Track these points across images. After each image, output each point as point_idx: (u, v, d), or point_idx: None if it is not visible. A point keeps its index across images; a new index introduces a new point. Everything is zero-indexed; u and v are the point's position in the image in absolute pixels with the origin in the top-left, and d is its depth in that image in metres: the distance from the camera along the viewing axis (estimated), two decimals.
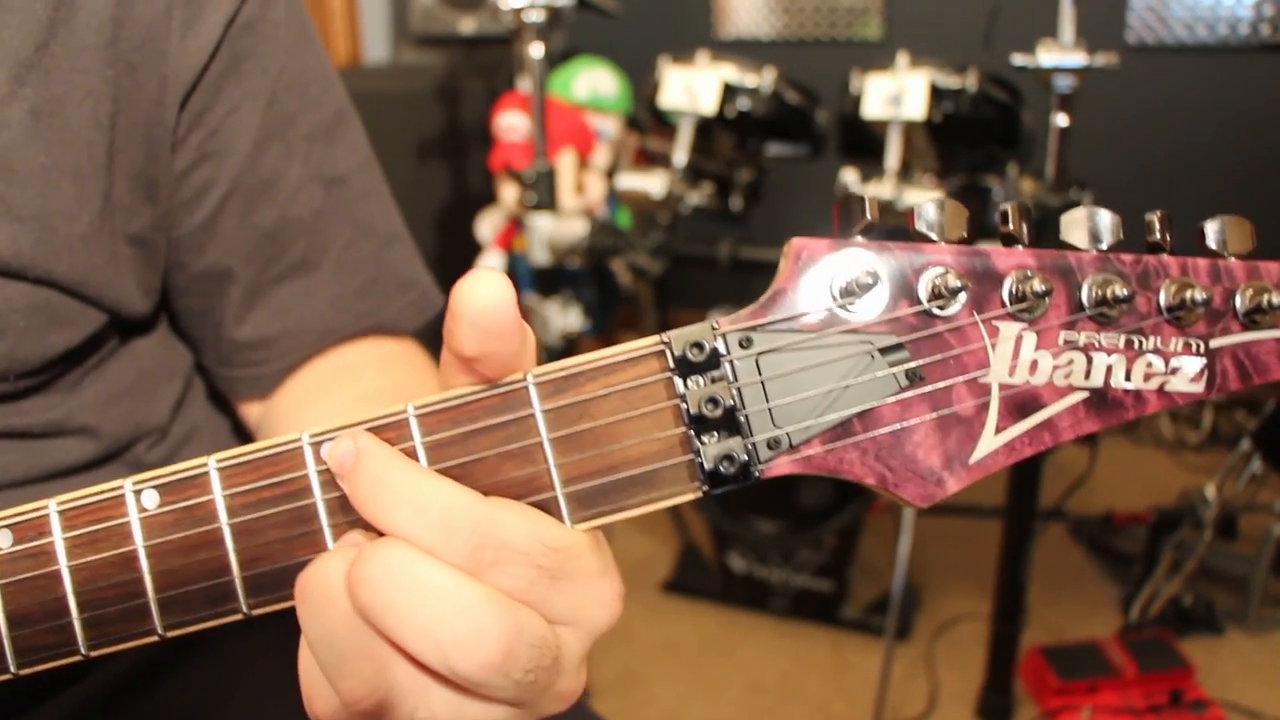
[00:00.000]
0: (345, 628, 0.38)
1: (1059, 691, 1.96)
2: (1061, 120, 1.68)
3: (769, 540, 2.32)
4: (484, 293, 0.38)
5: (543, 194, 2.09)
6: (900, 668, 2.13)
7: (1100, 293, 0.40)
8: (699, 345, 0.40)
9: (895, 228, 0.39)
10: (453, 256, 3.14)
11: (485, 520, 0.38)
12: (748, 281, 2.76)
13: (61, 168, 0.58)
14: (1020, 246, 0.41)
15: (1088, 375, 0.41)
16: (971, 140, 2.10)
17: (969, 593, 2.36)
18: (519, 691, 0.38)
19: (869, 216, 0.39)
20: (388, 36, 3.89)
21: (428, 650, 0.37)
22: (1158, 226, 0.41)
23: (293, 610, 0.41)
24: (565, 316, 2.27)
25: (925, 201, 0.39)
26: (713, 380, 0.40)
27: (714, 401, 0.40)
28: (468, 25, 3.40)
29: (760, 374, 0.40)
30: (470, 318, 0.39)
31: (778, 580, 2.33)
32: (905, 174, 2.00)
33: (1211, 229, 0.41)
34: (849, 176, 1.97)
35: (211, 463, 0.42)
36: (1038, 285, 0.39)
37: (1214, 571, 2.34)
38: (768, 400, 0.40)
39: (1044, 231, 1.78)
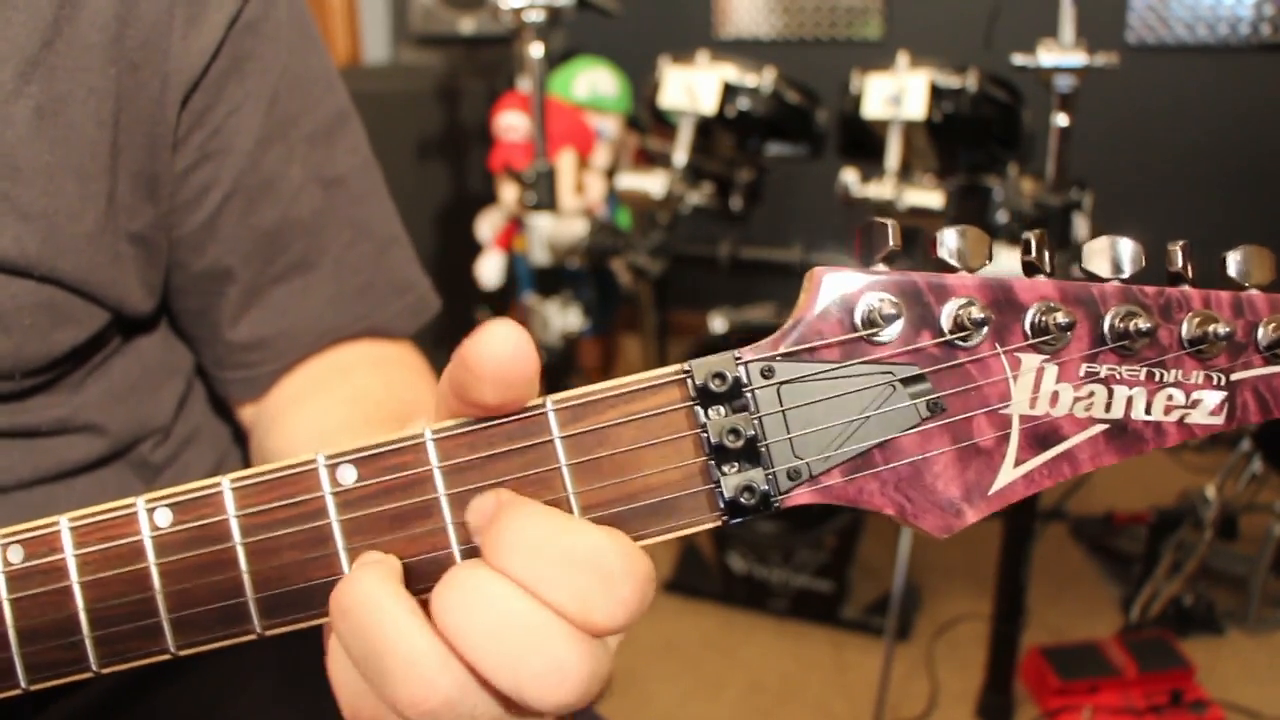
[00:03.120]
0: (394, 640, 0.38)
1: (1059, 692, 1.96)
2: (1062, 120, 1.68)
3: (769, 540, 2.32)
4: (502, 347, 0.38)
5: (543, 194, 2.09)
6: (900, 668, 2.13)
7: (1123, 326, 0.40)
8: (721, 375, 0.40)
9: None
10: (453, 256, 3.14)
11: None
12: (748, 281, 2.77)
13: (66, 166, 0.58)
14: (1043, 276, 0.41)
15: (1108, 407, 0.41)
16: (972, 140, 2.10)
17: (969, 593, 2.37)
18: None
19: (891, 244, 0.39)
20: (388, 36, 3.88)
21: (505, 680, 0.37)
22: (1179, 257, 0.41)
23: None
24: (565, 316, 2.27)
25: (947, 230, 0.39)
26: (734, 410, 0.40)
27: (735, 432, 0.40)
28: (468, 25, 3.40)
29: (781, 404, 0.40)
30: (493, 376, 0.38)
31: (778, 580, 2.34)
32: (905, 174, 2.00)
33: (1233, 260, 0.41)
34: (849, 176, 1.97)
35: (225, 482, 0.42)
36: (1060, 318, 0.39)
37: (1214, 572, 2.34)
38: (788, 430, 0.40)
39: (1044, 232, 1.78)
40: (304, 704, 0.72)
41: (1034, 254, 0.40)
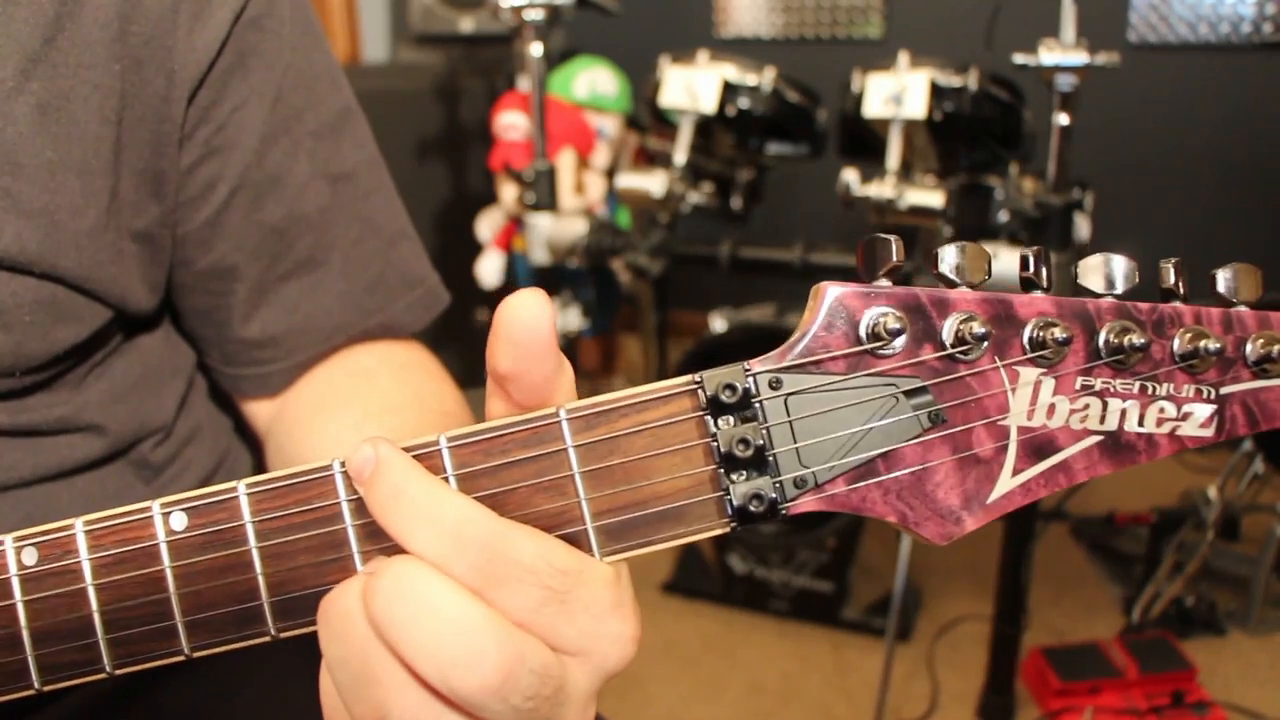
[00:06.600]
0: (361, 651, 0.39)
1: (1060, 693, 1.97)
2: (1063, 119, 1.68)
3: (769, 541, 2.33)
4: (523, 311, 0.40)
5: (543, 194, 2.09)
6: (901, 669, 2.14)
7: (1117, 341, 0.41)
8: (731, 387, 0.41)
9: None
10: (453, 256, 3.14)
11: (497, 535, 0.39)
12: (748, 281, 2.77)
13: (68, 163, 0.58)
14: (1040, 292, 0.42)
15: (1103, 420, 0.42)
16: (972, 139, 2.10)
17: (970, 593, 2.38)
18: (519, 719, 0.39)
19: (895, 259, 0.40)
20: (387, 35, 3.89)
21: (428, 668, 0.38)
22: (1172, 274, 0.42)
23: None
24: (565, 316, 2.28)
25: (947, 246, 0.40)
26: (743, 420, 0.41)
27: (745, 442, 0.41)
28: (467, 24, 3.40)
29: (789, 414, 0.42)
30: (507, 334, 0.40)
31: (778, 581, 2.34)
32: (906, 174, 2.01)
33: (1223, 277, 0.42)
34: (849, 176, 1.97)
35: (241, 487, 0.43)
36: (1058, 333, 0.41)
37: (1216, 572, 2.34)
38: (795, 440, 0.42)
39: (1045, 231, 1.79)
40: (311, 699, 0.73)
41: (1032, 270, 0.42)
